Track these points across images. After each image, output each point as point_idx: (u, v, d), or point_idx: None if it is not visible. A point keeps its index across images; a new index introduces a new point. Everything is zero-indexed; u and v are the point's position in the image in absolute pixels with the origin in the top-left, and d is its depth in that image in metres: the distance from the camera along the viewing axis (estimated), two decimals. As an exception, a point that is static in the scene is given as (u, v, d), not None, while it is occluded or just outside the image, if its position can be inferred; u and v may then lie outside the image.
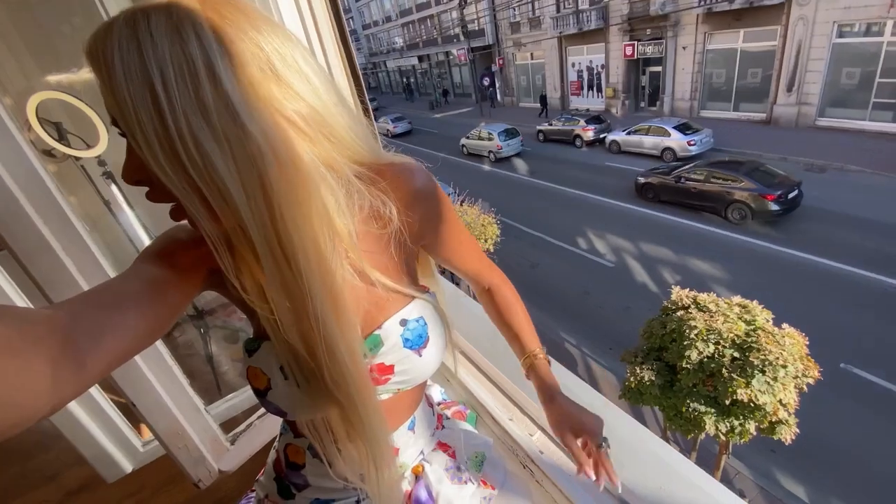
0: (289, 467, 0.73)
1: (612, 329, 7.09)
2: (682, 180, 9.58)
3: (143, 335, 0.44)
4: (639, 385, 4.46)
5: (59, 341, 0.33)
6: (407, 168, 0.58)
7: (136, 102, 0.38)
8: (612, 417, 1.07)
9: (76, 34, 1.73)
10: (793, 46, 12.37)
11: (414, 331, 0.60)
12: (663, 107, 16.36)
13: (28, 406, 0.31)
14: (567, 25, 18.20)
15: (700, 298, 4.47)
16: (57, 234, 0.76)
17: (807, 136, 12.28)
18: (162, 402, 0.85)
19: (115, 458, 1.18)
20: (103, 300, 0.41)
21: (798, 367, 3.78)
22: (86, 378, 0.37)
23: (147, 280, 0.46)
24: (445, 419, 0.84)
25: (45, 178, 0.89)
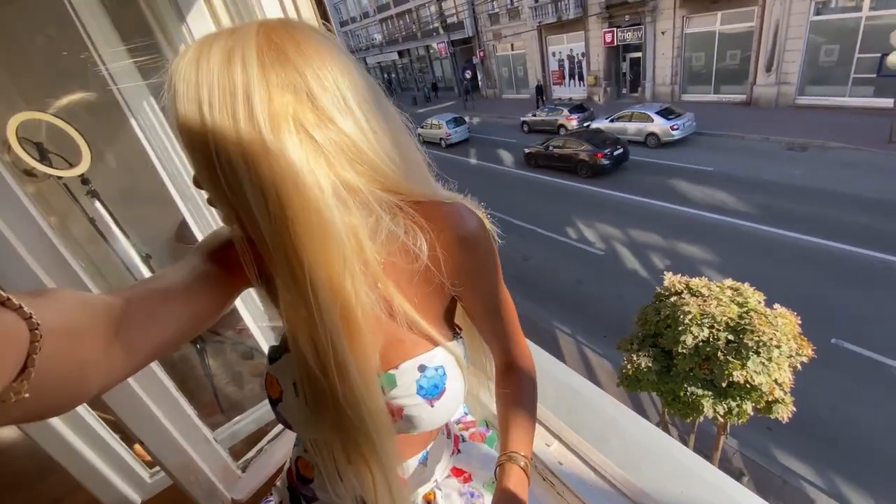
0: (299, 480, 0.73)
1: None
2: (549, 148, 12.55)
3: (189, 325, 0.46)
4: (636, 372, 4.50)
5: (113, 325, 0.36)
6: (457, 209, 0.56)
7: (190, 122, 0.43)
8: (626, 419, 1.07)
9: (54, 55, 1.67)
10: (770, 26, 12.50)
11: (431, 379, 0.57)
12: (645, 92, 16.46)
13: (81, 386, 0.32)
14: (546, 15, 18.16)
15: (692, 283, 4.52)
16: (34, 253, 0.73)
17: (787, 115, 12.45)
18: (170, 436, 0.83)
19: (123, 491, 1.14)
20: (155, 290, 0.44)
21: (791, 346, 3.85)
22: (135, 361, 0.39)
23: (196, 273, 0.49)
24: (462, 441, 0.82)
25: (22, 197, 0.85)
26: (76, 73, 1.63)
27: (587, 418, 1.04)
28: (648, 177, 11.15)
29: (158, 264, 2.10)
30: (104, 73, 1.51)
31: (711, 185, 10.09)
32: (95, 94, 1.70)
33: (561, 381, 1.11)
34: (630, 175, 11.47)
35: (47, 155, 1.76)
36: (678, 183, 10.57)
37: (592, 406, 1.08)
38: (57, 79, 1.69)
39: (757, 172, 10.12)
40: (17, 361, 0.25)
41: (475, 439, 0.85)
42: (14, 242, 0.74)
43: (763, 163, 10.51)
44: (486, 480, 0.79)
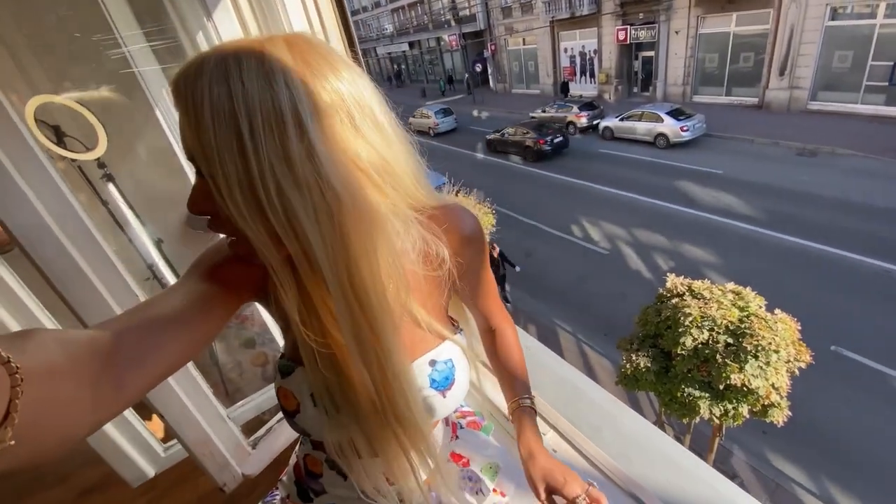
0: (307, 475, 0.76)
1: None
2: (505, 136, 14.35)
3: (186, 352, 0.44)
4: (635, 371, 4.55)
5: (100, 364, 0.33)
6: (458, 211, 0.60)
7: (221, 145, 0.39)
8: (621, 414, 1.11)
9: (75, 38, 1.71)
10: (785, 30, 12.35)
11: (442, 372, 0.61)
12: (656, 92, 16.33)
13: (69, 428, 0.31)
14: (559, 10, 17.99)
15: (695, 286, 4.54)
16: (63, 225, 0.77)
17: (798, 120, 12.35)
18: (188, 412, 0.88)
19: (138, 463, 1.20)
20: (147, 320, 0.41)
21: (790, 351, 3.87)
22: (125, 399, 0.37)
23: (194, 297, 0.46)
24: (460, 428, 0.86)
25: (53, 173, 0.90)
26: (96, 57, 1.67)
27: (583, 410, 1.08)
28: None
29: (169, 248, 2.15)
30: (126, 56, 1.54)
31: (719, 188, 10.05)
32: (114, 79, 1.74)
33: (559, 375, 1.16)
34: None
35: (64, 138, 1.81)
36: (686, 185, 10.54)
37: (588, 399, 1.12)
38: (77, 63, 1.73)
39: (766, 177, 10.07)
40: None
41: (472, 427, 0.89)
42: (47, 219, 0.78)
43: (772, 167, 10.45)
44: (484, 465, 0.83)
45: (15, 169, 0.90)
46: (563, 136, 13.44)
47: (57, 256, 0.88)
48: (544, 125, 14.05)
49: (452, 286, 0.62)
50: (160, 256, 2.10)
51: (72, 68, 1.76)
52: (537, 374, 1.21)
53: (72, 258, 0.87)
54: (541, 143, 13.03)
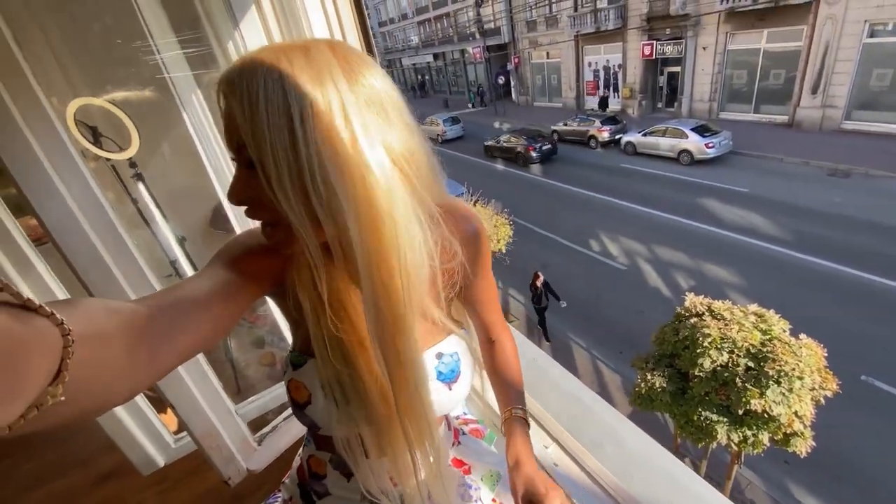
0: (311, 476, 0.77)
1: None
2: (500, 143, 15.82)
3: (209, 335, 0.46)
4: (650, 391, 4.44)
5: (138, 334, 0.36)
6: (466, 211, 0.64)
7: (274, 133, 0.43)
8: (624, 430, 1.10)
9: (113, 42, 1.80)
10: (819, 47, 12.06)
11: (448, 365, 0.64)
12: (681, 108, 16.11)
13: (109, 391, 0.33)
14: (584, 25, 18.01)
15: (715, 306, 4.43)
16: (91, 222, 0.81)
17: (831, 139, 11.99)
18: (198, 404, 0.90)
19: (149, 452, 1.24)
20: (177, 300, 0.43)
21: (815, 378, 3.73)
22: (159, 370, 0.39)
23: (217, 283, 0.49)
24: (462, 434, 0.87)
25: (86, 172, 0.95)
26: (133, 62, 1.75)
27: (586, 425, 1.07)
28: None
29: (192, 247, 2.22)
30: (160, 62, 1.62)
31: (745, 207, 9.81)
32: (148, 83, 1.82)
33: (563, 389, 1.15)
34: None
35: (100, 138, 1.90)
36: (710, 202, 10.32)
37: (592, 413, 1.11)
38: (114, 66, 1.82)
39: (795, 197, 9.79)
40: (51, 366, 0.25)
41: (475, 435, 0.90)
42: (77, 215, 0.83)
43: (802, 187, 10.15)
44: (485, 473, 0.83)
45: (51, 166, 0.96)
46: (551, 144, 14.93)
47: (84, 249, 0.92)
48: (535, 133, 15.49)
49: (458, 285, 0.64)
50: (182, 253, 2.17)
51: (110, 73, 1.85)
52: (542, 386, 1.21)
53: (97, 251, 0.91)
54: (530, 149, 14.65)
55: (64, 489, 1.58)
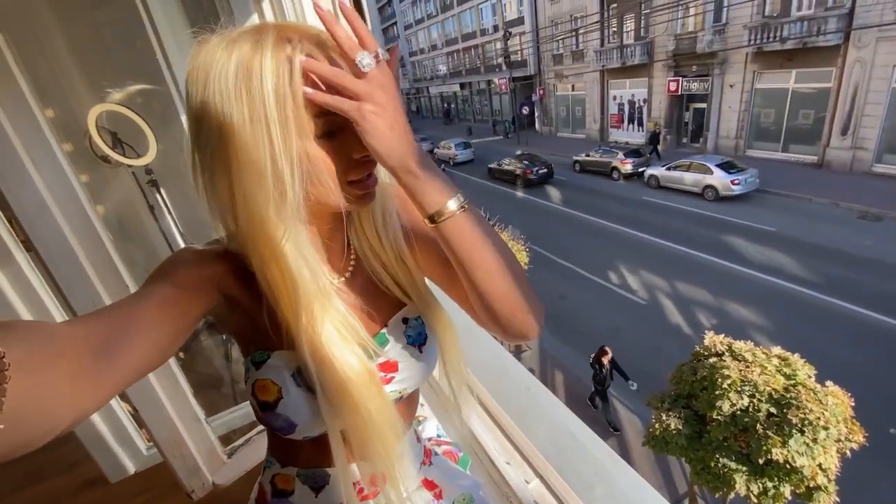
0: (275, 496, 0.72)
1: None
2: (501, 165, 17.19)
3: (153, 353, 0.44)
4: (664, 433, 4.21)
5: (77, 357, 0.34)
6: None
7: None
8: (619, 473, 1.01)
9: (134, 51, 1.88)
10: (849, 89, 11.88)
11: (415, 328, 0.65)
12: (707, 144, 15.96)
13: (52, 417, 0.32)
14: (610, 59, 18.24)
15: (736, 346, 4.23)
16: (77, 234, 0.80)
17: (862, 181, 11.63)
18: (163, 409, 0.87)
19: (119, 458, 1.20)
20: (115, 320, 0.42)
21: (841, 429, 3.48)
22: (103, 394, 0.38)
23: (157, 299, 0.47)
24: (434, 455, 0.82)
25: (76, 186, 0.95)
26: (151, 71, 1.82)
27: (576, 462, 0.99)
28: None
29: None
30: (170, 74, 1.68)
31: (772, 246, 9.51)
32: (160, 93, 1.89)
33: (554, 420, 1.07)
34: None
35: (120, 144, 1.97)
36: (735, 240, 10.04)
37: (584, 451, 1.03)
38: (134, 75, 1.89)
39: (824, 238, 9.44)
40: None
41: (447, 457, 0.84)
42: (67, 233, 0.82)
43: (831, 229, 9.80)
44: (457, 497, 0.78)
45: (35, 170, 0.95)
46: (547, 169, 16.11)
47: (62, 256, 0.90)
48: (533, 158, 16.89)
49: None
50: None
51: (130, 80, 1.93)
52: (531, 415, 1.13)
53: (76, 257, 0.89)
54: (527, 172, 15.91)
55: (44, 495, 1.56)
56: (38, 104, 0.89)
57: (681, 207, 12.18)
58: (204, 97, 0.46)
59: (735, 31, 13.94)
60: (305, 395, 0.56)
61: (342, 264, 0.64)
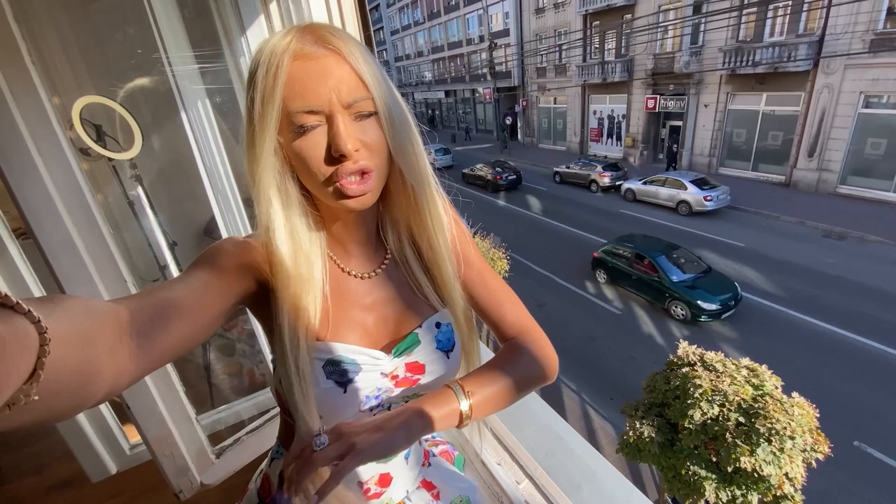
0: (281, 488, 0.73)
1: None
2: (474, 171, 18.05)
3: (191, 336, 0.46)
4: (637, 441, 4.30)
5: (119, 333, 0.36)
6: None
7: (386, 86, 0.56)
8: (604, 473, 1.04)
9: (127, 43, 1.85)
10: (816, 113, 12.49)
11: (445, 334, 0.66)
12: (682, 160, 16.50)
13: (86, 390, 0.32)
14: (592, 75, 18.69)
15: (707, 356, 4.36)
16: (81, 230, 0.79)
17: (827, 202, 12.22)
18: (155, 406, 0.86)
19: (102, 458, 1.16)
20: (157, 301, 0.43)
21: (807, 439, 3.62)
22: (139, 369, 0.39)
23: (197, 285, 0.49)
24: (432, 456, 0.83)
25: (79, 176, 0.93)
26: (143, 67, 1.79)
27: (564, 464, 1.02)
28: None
29: (182, 252, 2.20)
30: (168, 72, 1.65)
31: (740, 261, 9.87)
32: (156, 89, 1.86)
33: (543, 423, 1.10)
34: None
35: (104, 137, 1.92)
36: (706, 254, 10.37)
37: (572, 453, 1.06)
38: (125, 70, 1.86)
39: (789, 255, 9.86)
40: (27, 365, 0.25)
41: (444, 457, 0.86)
42: (67, 222, 0.80)
43: (797, 246, 10.25)
44: (454, 498, 0.80)
45: (42, 161, 0.94)
46: (516, 175, 17.18)
47: (63, 247, 0.89)
48: (503, 164, 17.94)
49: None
50: (172, 259, 2.15)
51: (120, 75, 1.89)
52: (520, 418, 1.16)
53: (76, 248, 0.88)
54: (497, 178, 16.95)
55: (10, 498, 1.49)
56: (46, 91, 0.87)
57: (656, 221, 12.52)
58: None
59: (711, 54, 14.51)
60: (333, 389, 0.58)
61: (372, 262, 0.66)
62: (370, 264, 0.66)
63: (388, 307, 0.65)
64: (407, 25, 34.86)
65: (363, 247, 0.65)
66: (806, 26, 12.48)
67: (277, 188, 0.54)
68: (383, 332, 0.64)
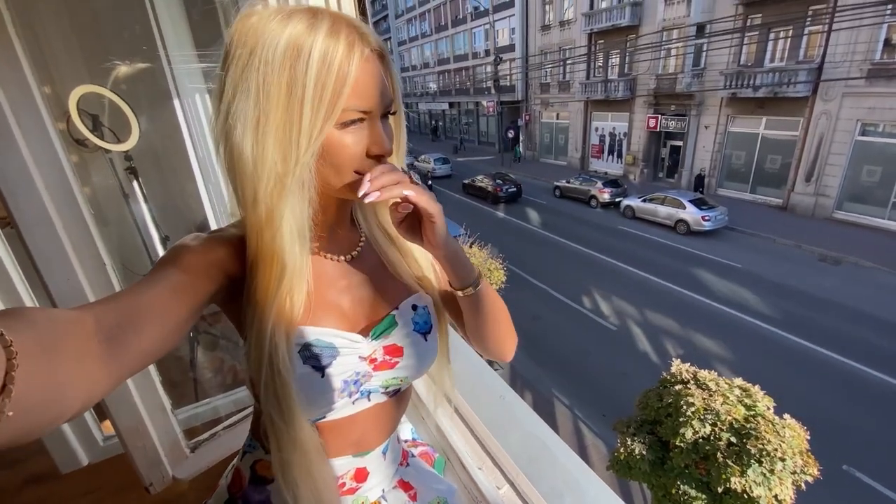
0: (252, 482, 0.70)
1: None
2: (475, 182, 18.29)
3: (164, 337, 0.45)
4: (629, 458, 4.25)
5: (85, 343, 0.35)
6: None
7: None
8: (589, 484, 1.02)
9: (126, 35, 1.85)
10: (814, 139, 12.63)
11: (422, 316, 0.66)
12: (681, 180, 16.62)
13: (59, 406, 0.32)
14: (595, 92, 18.91)
15: (700, 375, 4.33)
16: (61, 212, 0.78)
17: (823, 226, 12.29)
18: (128, 395, 0.83)
19: (73, 449, 1.13)
20: (125, 304, 0.42)
21: (797, 461, 3.58)
22: (113, 379, 0.38)
23: (163, 286, 0.47)
24: (411, 457, 0.82)
25: (65, 164, 0.92)
26: (141, 58, 1.79)
27: (547, 471, 0.99)
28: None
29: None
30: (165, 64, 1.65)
31: (737, 282, 9.88)
32: (154, 82, 1.86)
33: (527, 429, 1.08)
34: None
35: (100, 127, 1.91)
36: (703, 273, 10.40)
37: (556, 461, 1.03)
38: (125, 63, 1.86)
39: (785, 278, 9.88)
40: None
41: (423, 458, 0.84)
42: (48, 205, 0.79)
43: (793, 269, 10.28)
44: (432, 500, 0.78)
45: (29, 152, 0.92)
46: (516, 188, 17.30)
47: (45, 237, 0.87)
48: (503, 177, 18.12)
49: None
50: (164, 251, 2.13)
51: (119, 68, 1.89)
52: (505, 422, 1.14)
53: (57, 236, 0.86)
54: (497, 190, 17.12)
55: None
56: (34, 76, 0.86)
57: (654, 239, 12.56)
58: (248, 62, 0.49)
59: (712, 76, 14.71)
60: (310, 374, 0.57)
61: (347, 245, 0.65)
62: (345, 248, 0.65)
63: (363, 289, 0.64)
64: (414, 37, 35.30)
65: (340, 231, 0.64)
66: (806, 53, 12.67)
67: (303, 182, 0.53)
68: (360, 315, 0.63)
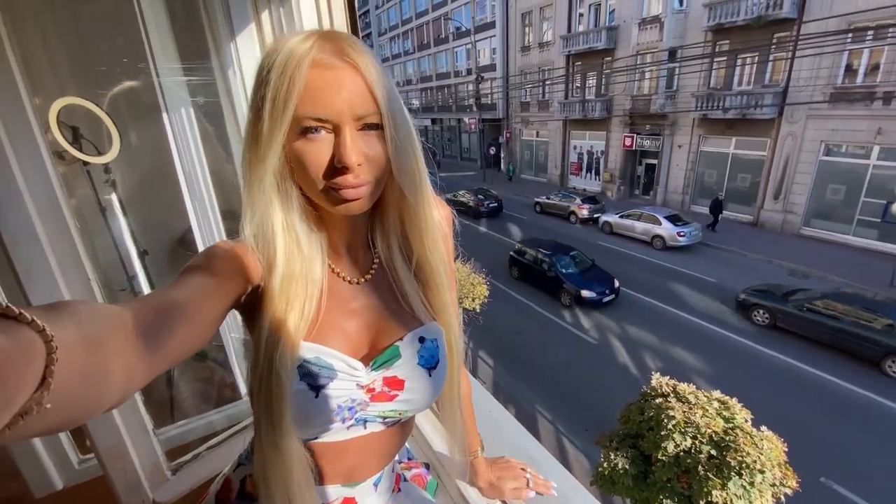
0: (240, 497, 0.69)
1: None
2: (457, 197, 18.43)
3: (195, 337, 0.46)
4: (612, 472, 4.26)
5: (126, 336, 0.36)
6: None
7: (395, 100, 0.55)
8: (577, 500, 1.02)
9: (113, 47, 1.83)
10: (781, 158, 13.22)
11: (428, 350, 0.63)
12: (657, 197, 17.10)
13: (101, 393, 0.32)
14: (573, 111, 19.42)
15: (680, 388, 4.40)
16: (47, 225, 0.75)
17: (791, 242, 12.79)
18: (110, 415, 0.80)
19: (48, 471, 1.07)
20: (161, 304, 0.43)
21: (776, 473, 3.65)
22: (149, 373, 0.39)
23: (193, 288, 0.49)
24: (403, 481, 0.80)
25: (52, 175, 0.90)
26: (128, 71, 1.77)
27: (537, 488, 0.99)
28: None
29: (153, 262, 2.12)
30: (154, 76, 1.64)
31: (712, 296, 10.15)
32: (140, 94, 1.83)
33: (514, 444, 1.08)
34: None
35: (80, 139, 1.86)
36: (679, 287, 10.65)
37: (543, 474, 1.03)
38: (109, 75, 1.83)
39: (758, 291, 10.19)
40: (35, 374, 0.25)
41: (416, 481, 0.83)
42: (33, 215, 0.77)
43: (765, 282, 10.61)
44: None
45: (16, 162, 0.90)
46: (497, 203, 18.11)
47: (27, 241, 0.85)
48: (485, 192, 18.87)
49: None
50: (142, 268, 2.07)
51: (103, 80, 1.86)
52: (493, 438, 1.13)
53: (40, 244, 0.84)
54: (479, 205, 17.83)
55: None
56: (26, 88, 0.85)
57: (631, 254, 12.84)
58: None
59: (684, 98, 15.32)
60: (305, 391, 0.56)
61: (361, 267, 0.65)
62: (358, 270, 0.65)
63: (371, 315, 0.63)
64: (397, 54, 35.78)
65: (353, 251, 0.64)
66: (771, 77, 13.34)
67: (278, 188, 0.54)
68: (364, 340, 0.63)
